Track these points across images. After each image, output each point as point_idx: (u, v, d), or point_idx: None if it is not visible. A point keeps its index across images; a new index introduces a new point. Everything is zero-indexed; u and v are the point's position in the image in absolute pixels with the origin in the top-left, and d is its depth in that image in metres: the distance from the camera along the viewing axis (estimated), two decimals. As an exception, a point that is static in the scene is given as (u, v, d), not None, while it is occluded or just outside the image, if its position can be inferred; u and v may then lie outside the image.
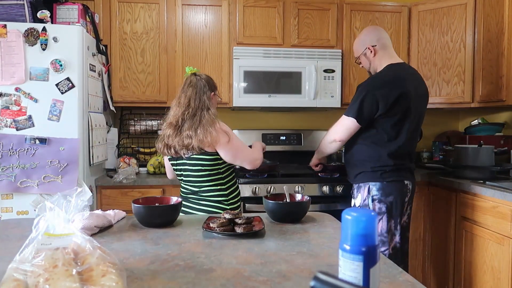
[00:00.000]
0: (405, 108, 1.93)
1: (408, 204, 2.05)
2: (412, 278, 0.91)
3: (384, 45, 2.08)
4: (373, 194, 1.98)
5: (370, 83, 1.97)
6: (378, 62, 2.07)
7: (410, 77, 2.00)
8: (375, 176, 1.98)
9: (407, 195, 2.00)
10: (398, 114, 1.93)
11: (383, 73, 2.02)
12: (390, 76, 1.98)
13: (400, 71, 2.01)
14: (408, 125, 1.96)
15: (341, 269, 0.71)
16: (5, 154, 2.17)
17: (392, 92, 1.91)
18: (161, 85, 2.84)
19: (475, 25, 2.79)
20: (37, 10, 2.28)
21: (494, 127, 2.92)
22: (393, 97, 1.90)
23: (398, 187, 1.97)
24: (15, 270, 0.73)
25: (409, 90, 1.95)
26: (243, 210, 2.51)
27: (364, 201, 2.01)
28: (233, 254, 1.07)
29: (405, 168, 2.00)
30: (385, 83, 1.94)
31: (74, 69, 2.24)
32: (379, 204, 1.97)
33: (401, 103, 1.92)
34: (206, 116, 1.83)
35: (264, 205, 1.45)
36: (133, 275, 0.91)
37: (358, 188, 2.04)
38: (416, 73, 2.11)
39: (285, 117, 3.34)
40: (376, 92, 1.91)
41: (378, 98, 1.90)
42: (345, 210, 0.72)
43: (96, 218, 1.27)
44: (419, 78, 2.10)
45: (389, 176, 1.96)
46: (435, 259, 2.71)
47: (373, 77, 2.05)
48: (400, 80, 1.95)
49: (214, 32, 2.87)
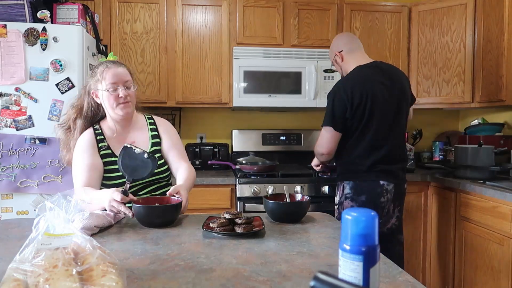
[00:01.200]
0: (371, 105, 1.94)
1: (394, 206, 2.03)
2: (412, 278, 0.91)
3: (350, 49, 2.12)
4: (346, 192, 2.01)
5: (336, 87, 2.02)
6: (347, 66, 2.11)
7: (376, 75, 2.00)
8: (349, 175, 2.02)
9: (383, 195, 1.97)
10: (366, 112, 1.94)
11: (347, 76, 2.06)
12: (354, 77, 2.01)
13: (367, 71, 2.02)
14: (376, 123, 1.96)
15: (341, 269, 0.71)
16: (5, 154, 2.17)
17: (355, 92, 1.93)
18: (161, 85, 2.84)
19: (475, 25, 2.79)
20: (37, 10, 2.28)
21: (494, 127, 2.92)
22: (357, 98, 1.93)
23: (372, 187, 1.97)
24: (15, 270, 0.73)
25: (374, 88, 1.96)
26: (243, 210, 2.51)
27: (340, 199, 2.05)
28: (233, 254, 1.07)
29: (380, 170, 1.98)
30: (349, 85, 1.97)
31: (74, 69, 2.24)
32: (352, 203, 1.98)
33: (366, 101, 1.94)
34: None
35: (264, 205, 1.45)
36: (133, 275, 0.91)
37: (337, 186, 2.10)
38: (388, 69, 2.09)
39: (285, 117, 3.34)
40: (342, 93, 1.95)
41: (344, 98, 1.94)
42: (345, 210, 0.72)
43: (96, 218, 1.27)
44: (396, 75, 2.07)
45: (361, 176, 1.98)
46: (435, 259, 2.71)
47: (339, 81, 2.10)
48: (363, 80, 1.97)
49: (214, 32, 2.87)
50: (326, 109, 2.02)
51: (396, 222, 2.06)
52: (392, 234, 2.06)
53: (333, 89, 2.02)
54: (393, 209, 2.04)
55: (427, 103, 3.01)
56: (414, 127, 3.28)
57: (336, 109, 1.95)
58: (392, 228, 2.05)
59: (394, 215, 2.05)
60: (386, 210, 2.00)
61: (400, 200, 2.07)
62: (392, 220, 2.05)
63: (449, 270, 2.55)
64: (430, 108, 3.06)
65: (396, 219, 2.06)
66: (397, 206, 2.05)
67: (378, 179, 1.97)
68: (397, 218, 2.06)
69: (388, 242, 2.02)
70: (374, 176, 1.97)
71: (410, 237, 2.73)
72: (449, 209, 2.53)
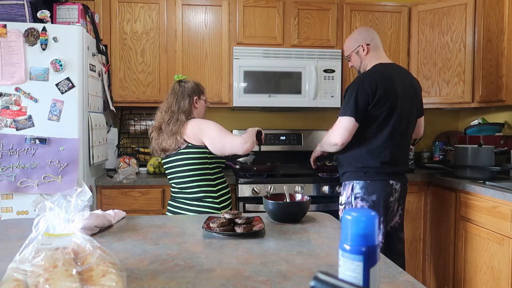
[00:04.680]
0: (391, 105, 1.94)
1: (398, 205, 2.04)
2: (412, 278, 0.91)
3: (376, 45, 2.11)
4: (356, 192, 1.99)
5: (359, 79, 1.99)
6: (368, 61, 2.09)
7: (398, 77, 2.01)
8: (358, 175, 1.99)
9: (393, 195, 1.99)
10: (384, 112, 1.94)
11: (372, 70, 2.04)
12: (378, 73, 1.99)
13: (389, 71, 2.01)
14: (392, 124, 1.95)
15: (341, 269, 0.71)
16: (5, 154, 2.17)
17: (379, 88, 1.92)
18: (161, 85, 2.84)
19: (475, 25, 2.79)
20: (37, 10, 2.28)
21: (494, 127, 2.92)
22: (380, 93, 1.92)
23: (382, 186, 1.97)
24: (15, 270, 0.73)
25: (396, 89, 1.96)
26: (243, 210, 2.51)
27: (348, 198, 2.03)
28: (233, 254, 1.07)
29: (390, 171, 1.98)
30: (373, 79, 1.95)
31: (74, 69, 2.24)
32: (362, 202, 1.97)
33: (387, 100, 1.93)
34: (183, 118, 1.94)
35: (264, 205, 1.45)
36: (133, 275, 0.91)
37: (344, 186, 2.07)
38: (406, 74, 2.11)
39: (285, 117, 3.34)
40: (366, 86, 1.93)
41: (369, 91, 1.92)
42: (345, 210, 0.72)
43: (96, 218, 1.27)
44: (409, 79, 2.09)
45: (372, 176, 1.97)
46: (435, 259, 2.71)
47: (362, 74, 2.06)
48: (388, 79, 1.97)
49: (214, 32, 2.87)
50: (347, 100, 1.96)
51: (398, 220, 2.08)
52: (395, 232, 2.07)
53: (356, 81, 1.98)
54: (397, 208, 2.05)
55: (427, 103, 3.00)
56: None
57: (359, 100, 1.91)
58: (395, 226, 2.06)
59: (398, 214, 2.06)
60: (391, 209, 2.01)
61: (403, 199, 2.09)
62: (395, 219, 2.06)
63: (449, 270, 2.55)
64: (430, 108, 3.06)
65: (399, 217, 2.08)
66: (400, 204, 2.07)
67: (388, 178, 1.98)
68: (400, 216, 2.08)
69: (390, 240, 2.03)
70: (385, 175, 1.97)
71: (410, 237, 2.73)
72: (449, 209, 2.53)
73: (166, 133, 1.93)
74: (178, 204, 1.95)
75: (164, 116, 1.96)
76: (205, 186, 1.94)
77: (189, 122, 1.93)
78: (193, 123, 1.93)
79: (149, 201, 2.55)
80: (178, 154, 1.93)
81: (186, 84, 2.03)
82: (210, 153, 1.93)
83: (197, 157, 1.92)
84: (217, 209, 1.92)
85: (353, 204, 1.99)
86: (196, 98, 2.03)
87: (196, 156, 1.91)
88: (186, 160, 1.92)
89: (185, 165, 1.92)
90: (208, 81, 2.88)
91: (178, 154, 1.93)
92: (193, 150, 1.91)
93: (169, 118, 1.95)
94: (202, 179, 1.93)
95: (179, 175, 1.95)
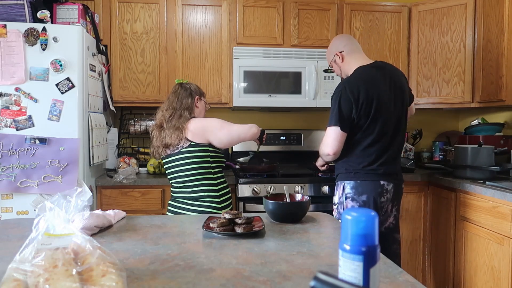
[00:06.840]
0: (377, 106, 1.94)
1: (392, 206, 2.04)
2: (412, 278, 0.91)
3: (351, 50, 2.11)
4: (346, 192, 2.00)
5: (341, 87, 2.00)
6: (347, 66, 2.10)
7: (381, 75, 2.00)
8: (349, 175, 2.01)
9: (384, 195, 1.98)
10: (370, 114, 1.94)
11: (352, 76, 2.04)
12: (358, 78, 2.00)
13: (371, 71, 2.01)
14: (380, 125, 1.96)
15: (341, 269, 0.71)
16: (5, 154, 2.17)
17: (361, 93, 1.93)
18: (161, 85, 2.84)
19: (475, 25, 2.79)
20: (37, 10, 2.28)
21: (494, 127, 2.92)
22: (362, 97, 1.92)
23: (373, 187, 1.97)
24: (15, 270, 0.73)
25: (380, 89, 1.96)
26: (243, 210, 2.51)
27: (340, 198, 2.04)
28: (233, 254, 1.07)
29: (381, 171, 1.98)
30: (355, 85, 1.96)
31: (74, 69, 2.24)
32: (352, 202, 1.98)
33: (372, 101, 1.93)
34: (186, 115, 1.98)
35: (264, 205, 1.45)
36: (133, 275, 0.91)
37: (336, 186, 2.09)
38: (390, 69, 2.09)
39: (285, 117, 3.34)
40: (348, 93, 1.94)
41: (351, 98, 1.92)
42: (345, 210, 0.72)
43: (96, 218, 1.27)
44: (396, 75, 2.07)
45: (362, 176, 1.98)
46: (435, 259, 2.71)
47: (343, 81, 2.08)
48: (369, 80, 1.97)
49: (214, 32, 2.87)
50: (332, 109, 1.99)
51: (393, 221, 2.07)
52: (389, 233, 2.07)
53: (338, 89, 2.00)
54: (391, 209, 2.05)
55: (427, 103, 3.01)
56: (414, 127, 3.28)
57: (343, 108, 1.93)
58: (389, 227, 2.06)
59: (392, 214, 2.06)
60: (384, 210, 2.01)
61: (398, 199, 2.08)
62: (389, 219, 2.06)
63: (449, 270, 2.55)
64: (430, 108, 3.06)
65: (394, 218, 2.08)
66: (395, 205, 2.06)
67: (379, 179, 1.98)
68: (394, 217, 2.08)
69: (385, 241, 2.03)
70: (375, 176, 1.98)
71: (410, 237, 2.73)
72: (449, 209, 2.53)
73: (168, 128, 1.95)
74: (179, 204, 1.95)
75: (165, 113, 1.99)
76: (207, 185, 1.94)
77: (191, 121, 1.95)
78: (196, 121, 1.96)
79: (149, 201, 2.55)
80: (180, 153, 1.93)
81: (188, 85, 2.09)
82: (212, 152, 1.94)
83: (200, 155, 1.92)
84: (218, 209, 1.92)
85: (344, 204, 2.00)
86: (197, 98, 2.07)
87: (199, 155, 1.92)
88: (188, 159, 1.92)
89: (187, 164, 1.93)
90: (208, 81, 2.88)
91: (180, 153, 1.93)
92: (196, 149, 1.92)
93: (170, 115, 1.97)
94: (204, 178, 1.94)
95: (180, 174, 1.95)
